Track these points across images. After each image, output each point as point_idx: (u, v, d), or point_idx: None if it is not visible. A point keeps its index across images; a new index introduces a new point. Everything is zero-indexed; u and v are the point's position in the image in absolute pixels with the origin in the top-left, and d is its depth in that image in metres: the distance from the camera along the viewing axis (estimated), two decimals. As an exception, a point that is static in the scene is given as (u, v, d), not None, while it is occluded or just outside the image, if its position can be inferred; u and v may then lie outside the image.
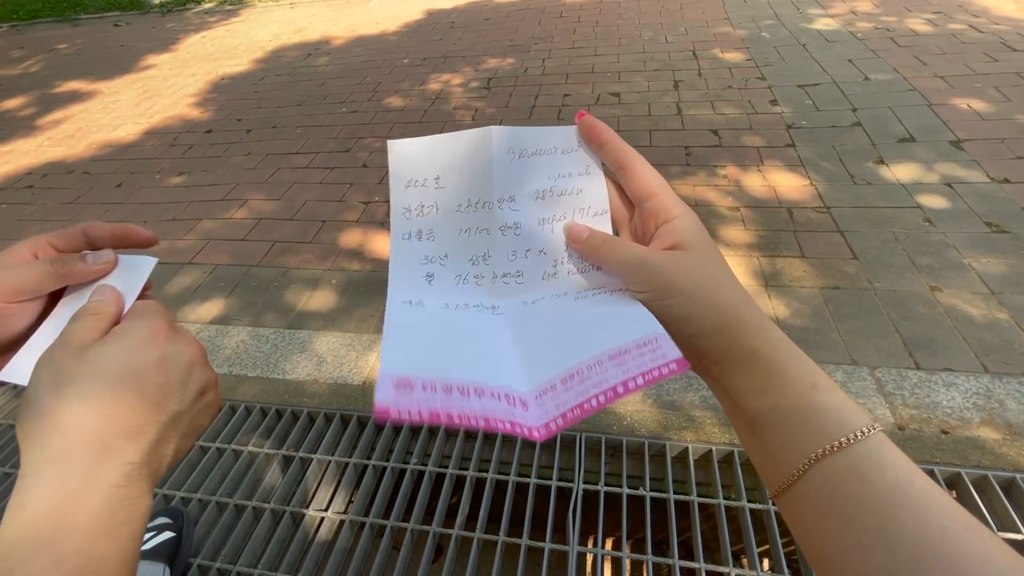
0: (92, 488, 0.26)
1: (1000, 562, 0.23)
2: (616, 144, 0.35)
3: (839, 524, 0.26)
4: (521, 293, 0.36)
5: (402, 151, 0.35)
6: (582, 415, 0.29)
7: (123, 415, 0.28)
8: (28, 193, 2.64)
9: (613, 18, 3.83)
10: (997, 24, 2.89)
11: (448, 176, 0.35)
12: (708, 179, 2.03)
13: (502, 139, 0.35)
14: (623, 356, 0.30)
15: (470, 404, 0.29)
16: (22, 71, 4.58)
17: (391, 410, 0.28)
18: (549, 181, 0.36)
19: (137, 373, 0.29)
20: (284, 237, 2.03)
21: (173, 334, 0.33)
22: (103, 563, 0.26)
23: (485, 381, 0.30)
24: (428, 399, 0.29)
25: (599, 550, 0.99)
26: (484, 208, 0.35)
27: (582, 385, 0.30)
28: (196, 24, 5.33)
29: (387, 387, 0.29)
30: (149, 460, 0.29)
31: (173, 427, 0.31)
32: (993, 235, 1.60)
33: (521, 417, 0.29)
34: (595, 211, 0.37)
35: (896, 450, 0.27)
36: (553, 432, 0.29)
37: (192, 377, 0.32)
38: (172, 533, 1.01)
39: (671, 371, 0.28)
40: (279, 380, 1.42)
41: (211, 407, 0.34)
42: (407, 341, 0.32)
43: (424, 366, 0.30)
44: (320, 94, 3.27)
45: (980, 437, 1.10)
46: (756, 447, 0.31)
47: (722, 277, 0.31)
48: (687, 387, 1.26)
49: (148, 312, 0.33)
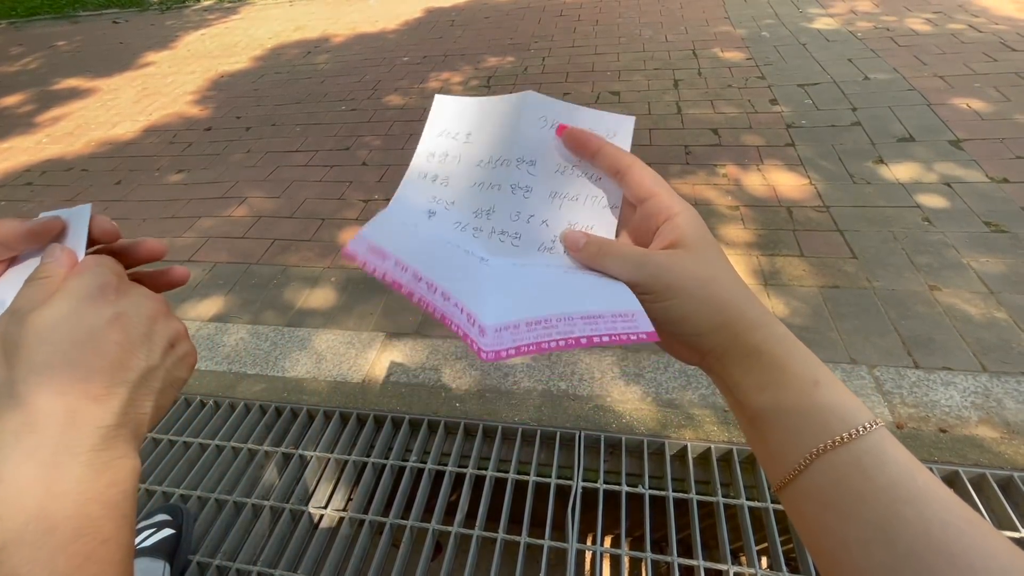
0: (67, 456, 0.25)
1: (1002, 557, 0.23)
2: (608, 150, 0.34)
3: (840, 519, 0.26)
4: (514, 255, 0.35)
5: (446, 105, 0.37)
6: (536, 352, 0.27)
7: (84, 378, 0.27)
8: (27, 190, 2.63)
9: (613, 17, 3.83)
10: (996, 24, 2.89)
11: (479, 134, 0.36)
12: (708, 178, 2.03)
13: (536, 105, 0.35)
14: (595, 320, 0.29)
15: (433, 298, 0.29)
16: (20, 68, 4.57)
17: (359, 258, 0.29)
18: (572, 159, 0.36)
19: (92, 333, 0.27)
20: (283, 235, 2.03)
21: (126, 288, 0.31)
22: (98, 523, 0.25)
23: (454, 293, 0.30)
24: (396, 273, 0.30)
25: (598, 548, 0.99)
26: (502, 165, 0.36)
27: (546, 331, 0.28)
28: (195, 22, 5.32)
29: (361, 245, 0.30)
30: (125, 420, 0.28)
31: (145, 384, 0.29)
32: (992, 235, 1.61)
33: (476, 337, 0.28)
34: (606, 203, 0.36)
35: (898, 446, 0.27)
36: (502, 358, 0.27)
37: (156, 331, 0.30)
38: (172, 530, 1.01)
39: (639, 338, 0.27)
40: (278, 378, 1.42)
41: (187, 359, 0.33)
42: (394, 229, 0.33)
43: (403, 251, 0.31)
44: (320, 92, 3.26)
45: (978, 436, 1.10)
46: (758, 442, 0.31)
47: (723, 274, 0.31)
48: (686, 385, 1.26)
49: (94, 267, 0.30)
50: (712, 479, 1.08)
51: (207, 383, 1.43)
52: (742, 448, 1.10)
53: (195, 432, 1.27)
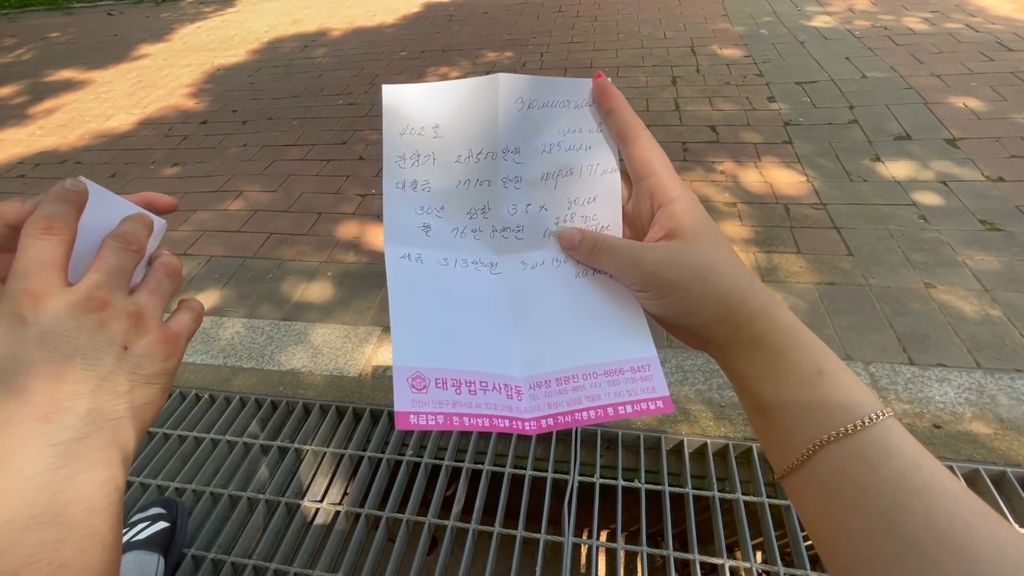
0: (15, 481, 0.24)
1: (1010, 549, 0.22)
2: (623, 113, 0.33)
3: (843, 509, 0.26)
4: (521, 250, 0.35)
5: (398, 96, 0.33)
6: (572, 424, 0.31)
7: (24, 403, 0.25)
8: (20, 183, 2.61)
9: (612, 13, 3.82)
10: (993, 24, 2.90)
11: (449, 125, 0.33)
12: (706, 175, 2.03)
13: (511, 87, 0.33)
14: (617, 376, 0.32)
15: (476, 402, 0.31)
16: (13, 59, 4.52)
17: (411, 415, 0.30)
18: (557, 136, 0.34)
19: (18, 359, 0.25)
20: (280, 229, 2.02)
21: (47, 302, 0.26)
22: (54, 547, 0.24)
23: (488, 370, 0.32)
24: (441, 398, 0.31)
25: (594, 542, 0.99)
26: (487, 159, 0.34)
27: (575, 393, 0.32)
28: (191, 14, 5.27)
29: (403, 388, 0.30)
30: (92, 430, 0.26)
31: (106, 390, 0.27)
32: (987, 233, 1.61)
33: (517, 410, 0.31)
34: (603, 169, 0.35)
35: (906, 436, 0.26)
36: (544, 430, 0.31)
37: (96, 337, 0.27)
38: (166, 523, 1.00)
39: (657, 408, 0.32)
40: (274, 371, 1.41)
41: (154, 353, 0.29)
42: (414, 319, 0.32)
43: (433, 355, 0.32)
44: (317, 86, 3.24)
45: (972, 431, 1.11)
46: (763, 429, 0.31)
47: (723, 265, 0.31)
48: (683, 380, 1.27)
49: (8, 289, 0.27)
50: (708, 474, 1.09)
51: (202, 377, 1.42)
52: (738, 443, 1.11)
53: (190, 426, 1.27)
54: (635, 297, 0.33)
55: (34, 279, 0.26)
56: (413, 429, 0.30)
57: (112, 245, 0.30)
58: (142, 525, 0.99)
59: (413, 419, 0.30)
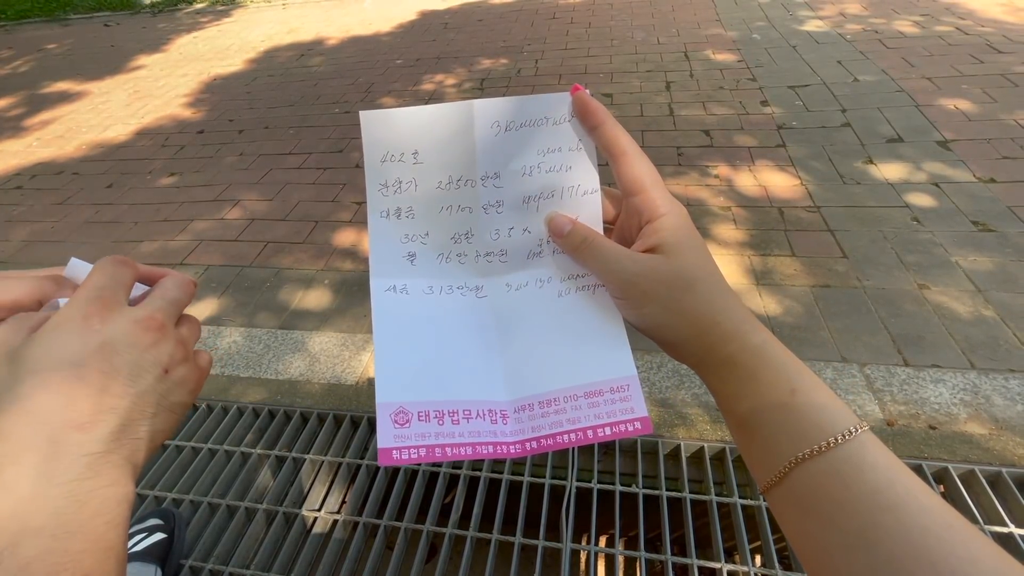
0: (48, 487, 0.25)
1: (984, 562, 0.23)
2: (608, 128, 0.33)
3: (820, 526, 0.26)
4: (505, 273, 0.36)
5: (376, 122, 0.33)
6: (554, 447, 0.32)
7: (65, 407, 0.26)
8: (17, 194, 2.61)
9: (606, 20, 3.85)
10: (983, 26, 2.93)
11: (428, 151, 0.33)
12: (700, 179, 2.04)
13: (486, 112, 0.32)
14: (597, 397, 0.33)
15: (459, 431, 0.32)
16: (11, 71, 4.53)
17: (393, 451, 0.31)
18: (537, 156, 0.34)
19: (75, 363, 0.27)
20: (277, 238, 2.02)
21: (115, 315, 0.29)
22: (78, 558, 0.24)
23: (472, 397, 0.33)
24: (424, 431, 0.32)
25: (592, 547, 0.99)
26: (467, 186, 0.34)
27: (557, 416, 0.33)
28: (188, 24, 5.30)
29: (386, 424, 0.31)
30: (116, 447, 0.27)
31: (137, 410, 0.29)
32: (980, 234, 1.63)
33: (501, 434, 0.32)
34: (584, 190, 0.35)
35: (881, 450, 0.27)
36: (527, 452, 0.32)
37: (145, 357, 0.29)
38: (164, 534, 1.00)
39: (635, 430, 0.32)
40: (272, 380, 1.42)
41: (185, 383, 0.32)
42: (398, 354, 0.33)
43: (416, 388, 0.32)
44: (313, 95, 3.26)
45: (967, 432, 1.11)
46: (743, 445, 0.31)
47: (700, 284, 0.31)
48: (679, 384, 1.27)
49: (80, 299, 0.30)
50: (705, 478, 1.09)
51: (200, 386, 1.42)
52: (735, 447, 1.11)
53: (187, 436, 1.26)
54: (617, 314, 0.34)
55: (108, 292, 0.29)
56: (396, 464, 0.31)
57: (173, 280, 0.33)
58: (139, 536, 0.99)
59: (396, 454, 0.31)
